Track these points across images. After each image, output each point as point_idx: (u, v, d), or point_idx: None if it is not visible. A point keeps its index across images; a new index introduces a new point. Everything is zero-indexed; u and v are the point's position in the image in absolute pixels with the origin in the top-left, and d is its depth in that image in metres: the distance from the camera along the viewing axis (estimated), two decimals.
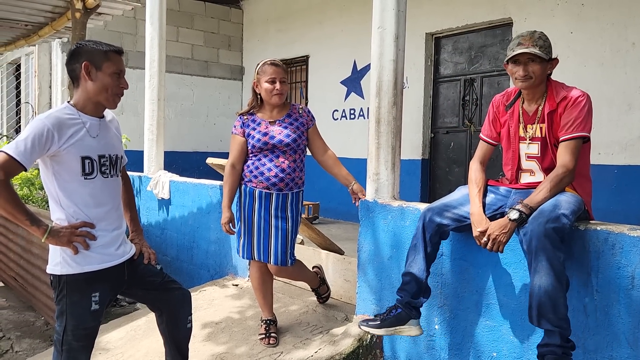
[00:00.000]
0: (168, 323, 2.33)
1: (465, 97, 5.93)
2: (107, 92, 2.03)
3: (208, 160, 4.00)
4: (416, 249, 2.37)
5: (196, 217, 4.60)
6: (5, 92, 9.68)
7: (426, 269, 2.36)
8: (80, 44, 2.06)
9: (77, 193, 2.00)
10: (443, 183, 6.18)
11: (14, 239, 5.24)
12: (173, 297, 2.32)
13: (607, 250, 2.06)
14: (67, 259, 1.99)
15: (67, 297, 1.99)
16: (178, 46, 8.16)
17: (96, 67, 2.00)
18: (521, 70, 2.21)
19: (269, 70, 2.85)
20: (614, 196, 4.60)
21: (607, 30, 4.68)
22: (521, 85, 2.25)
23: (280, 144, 2.87)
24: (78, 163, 1.98)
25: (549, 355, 1.99)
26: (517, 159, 2.36)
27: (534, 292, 1.98)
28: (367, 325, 2.45)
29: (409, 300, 2.38)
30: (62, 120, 1.96)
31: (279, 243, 2.89)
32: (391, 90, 2.86)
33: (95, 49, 2.02)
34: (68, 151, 1.95)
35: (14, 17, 4.73)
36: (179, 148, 7.92)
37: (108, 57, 2.02)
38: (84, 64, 1.99)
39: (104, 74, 2.01)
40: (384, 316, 2.43)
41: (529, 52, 2.17)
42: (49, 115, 1.95)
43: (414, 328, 2.41)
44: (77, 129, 1.99)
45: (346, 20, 7.06)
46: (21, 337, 4.22)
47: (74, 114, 2.01)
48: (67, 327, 1.99)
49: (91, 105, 2.05)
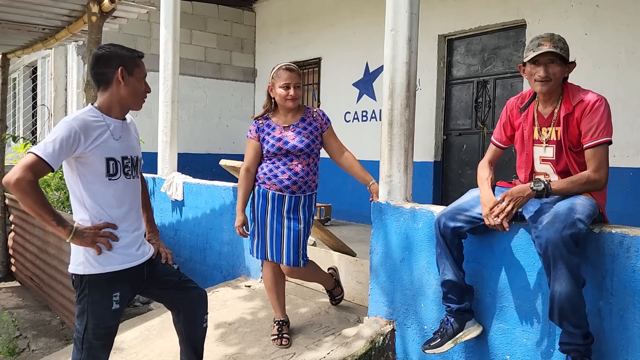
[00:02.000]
0: (185, 322, 2.37)
1: (478, 99, 5.91)
2: (137, 96, 2.12)
3: (221, 162, 4.03)
4: (442, 257, 2.38)
5: (209, 219, 4.63)
6: (22, 95, 9.83)
7: (459, 270, 2.38)
8: (109, 49, 2.10)
9: (100, 194, 2.04)
10: (455, 185, 6.16)
11: (30, 240, 5.32)
12: (190, 296, 2.35)
13: (622, 254, 2.05)
14: (90, 259, 2.03)
15: (89, 297, 2.03)
16: (191, 49, 8.22)
17: (128, 72, 2.08)
18: (542, 71, 2.18)
19: (283, 76, 2.87)
20: (630, 199, 4.55)
21: (622, 31, 4.63)
22: (540, 87, 2.22)
23: (294, 149, 2.89)
24: (103, 164, 2.03)
25: (573, 353, 2.06)
26: (530, 162, 2.35)
27: (555, 298, 2.01)
28: (431, 347, 2.45)
29: (457, 308, 2.40)
30: (88, 123, 2.01)
31: (291, 244, 2.91)
32: (404, 92, 2.86)
33: (127, 54, 2.09)
34: (93, 153, 2.00)
35: (32, 20, 4.80)
36: (192, 150, 7.97)
37: (137, 63, 2.11)
38: (120, 69, 2.05)
39: (135, 79, 2.10)
40: (442, 332, 2.44)
41: (553, 51, 2.14)
42: (75, 117, 2.00)
43: (472, 329, 2.44)
44: (101, 131, 2.04)
45: (358, 23, 7.07)
46: (37, 336, 4.29)
47: (99, 117, 2.06)
48: (88, 326, 2.03)
49: (118, 108, 2.11)
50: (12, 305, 5.08)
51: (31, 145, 8.22)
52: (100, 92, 2.10)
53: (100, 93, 2.10)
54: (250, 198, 3.02)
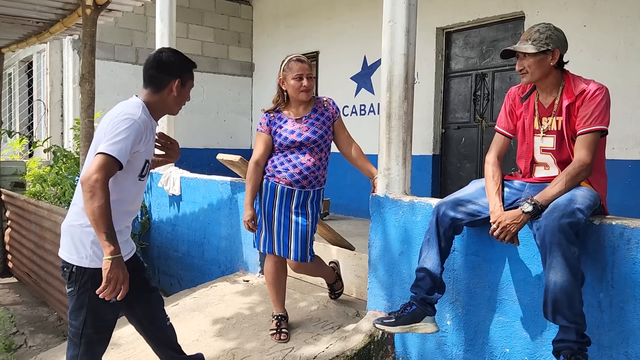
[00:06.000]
0: (149, 327, 2.30)
1: (476, 92, 5.88)
2: (181, 105, 2.16)
3: (219, 156, 4.01)
4: (430, 243, 2.34)
5: (207, 213, 4.61)
6: (18, 90, 9.76)
7: (440, 264, 2.32)
8: (171, 56, 2.12)
9: (127, 191, 2.05)
10: (454, 179, 6.14)
11: (27, 236, 5.29)
12: (153, 298, 2.31)
13: (622, 245, 2.03)
14: (97, 253, 1.98)
15: (91, 291, 1.99)
16: (188, 43, 8.16)
17: (182, 83, 2.11)
18: (517, 65, 2.27)
19: (295, 67, 2.83)
20: (628, 191, 4.54)
21: (622, 23, 4.61)
22: (522, 79, 2.29)
23: (308, 141, 2.86)
24: (141, 164, 2.07)
25: (565, 351, 1.97)
26: (531, 152, 2.33)
27: (549, 289, 1.95)
28: (382, 323, 2.42)
29: (423, 297, 2.35)
30: (147, 124, 2.03)
31: (299, 239, 2.90)
32: (402, 84, 2.84)
33: (186, 65, 2.12)
34: (141, 153, 2.03)
35: (25, 14, 4.75)
36: (189, 145, 7.93)
37: (192, 75, 2.16)
38: (177, 80, 2.08)
39: (186, 90, 2.14)
40: (399, 314, 2.40)
41: (509, 49, 2.25)
42: (140, 115, 1.99)
43: (429, 325, 2.37)
44: (150, 132, 2.08)
45: (356, 16, 7.03)
46: (35, 332, 4.27)
47: (148, 117, 2.07)
48: (88, 320, 2.01)
49: (160, 113, 2.15)
50: (8, 302, 5.06)
51: (27, 140, 8.19)
52: (150, 93, 2.10)
53: (150, 93, 2.10)
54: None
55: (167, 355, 2.37)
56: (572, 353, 1.95)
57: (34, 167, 6.46)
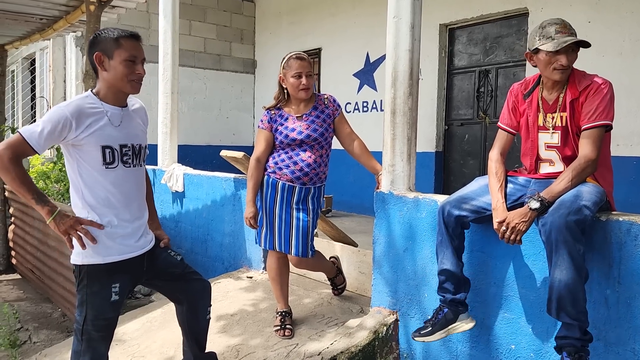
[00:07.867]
0: (188, 314, 2.34)
1: (480, 89, 5.87)
2: (123, 80, 2.00)
3: (222, 153, 4.00)
4: (443, 245, 2.34)
5: (210, 210, 4.61)
6: (21, 87, 9.77)
7: (458, 262, 2.34)
8: (97, 33, 2.04)
9: (98, 183, 2.01)
10: (457, 176, 6.13)
11: (30, 232, 5.30)
12: (193, 287, 2.33)
13: (629, 242, 2.02)
14: (89, 249, 1.99)
15: (88, 287, 2.01)
16: (191, 40, 8.16)
17: (108, 56, 1.98)
18: (564, 60, 2.12)
19: (294, 65, 2.83)
20: (633, 188, 4.52)
21: (627, 19, 4.59)
22: (560, 75, 2.16)
23: (308, 138, 2.86)
24: (99, 152, 1.99)
25: (568, 348, 1.98)
26: (536, 149, 2.31)
27: (554, 286, 1.96)
28: (420, 335, 2.42)
29: (452, 299, 2.36)
30: (83, 109, 1.96)
31: (300, 234, 2.90)
32: (407, 80, 2.83)
33: (106, 37, 1.99)
34: (88, 140, 1.96)
35: (29, 10, 4.75)
36: (192, 142, 7.93)
37: (119, 44, 1.98)
38: (95, 54, 1.99)
39: (116, 62, 1.97)
40: (433, 321, 2.41)
41: (582, 40, 2.09)
42: (69, 103, 1.96)
43: (465, 322, 2.39)
44: (97, 117, 1.99)
45: (359, 13, 7.01)
46: (39, 328, 4.27)
47: (96, 103, 2.01)
48: (87, 317, 2.01)
49: (111, 94, 2.05)
50: (13, 298, 5.07)
51: None
52: (97, 79, 2.06)
53: (97, 79, 2.06)
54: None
55: (190, 347, 2.40)
56: (575, 350, 1.97)
57: (37, 164, 6.47)
